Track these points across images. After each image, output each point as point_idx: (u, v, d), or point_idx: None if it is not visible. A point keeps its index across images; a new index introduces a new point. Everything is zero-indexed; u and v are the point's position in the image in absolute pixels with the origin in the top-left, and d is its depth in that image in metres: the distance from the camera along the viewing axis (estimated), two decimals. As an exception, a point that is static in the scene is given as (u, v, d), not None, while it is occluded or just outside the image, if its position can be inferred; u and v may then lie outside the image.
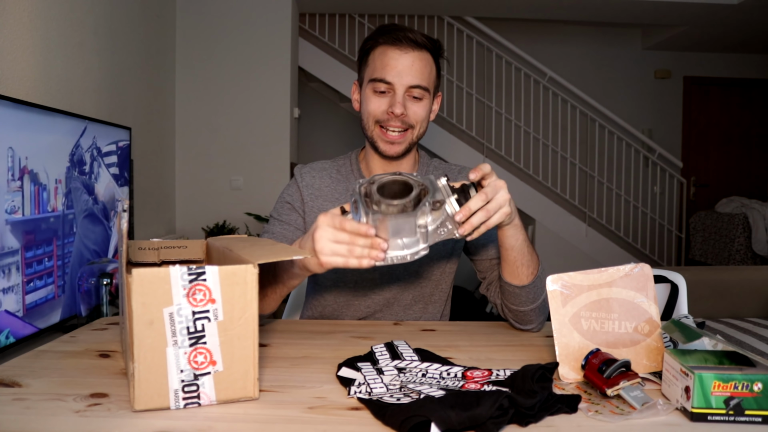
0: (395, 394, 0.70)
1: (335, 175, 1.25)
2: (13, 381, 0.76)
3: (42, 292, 1.55)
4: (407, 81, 1.12)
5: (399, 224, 0.83)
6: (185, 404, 0.67)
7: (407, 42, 1.12)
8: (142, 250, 1.01)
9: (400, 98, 1.13)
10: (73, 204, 1.72)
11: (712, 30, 4.92)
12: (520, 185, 4.98)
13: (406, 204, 0.83)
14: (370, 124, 1.17)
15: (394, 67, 1.12)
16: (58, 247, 1.63)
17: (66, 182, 1.68)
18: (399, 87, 1.12)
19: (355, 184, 0.88)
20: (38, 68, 2.01)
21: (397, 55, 1.12)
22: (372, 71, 1.15)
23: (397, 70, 1.12)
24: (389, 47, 1.13)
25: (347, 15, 4.89)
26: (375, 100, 1.15)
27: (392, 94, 1.13)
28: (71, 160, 1.71)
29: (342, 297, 1.22)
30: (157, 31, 3.43)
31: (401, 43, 1.12)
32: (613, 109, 5.18)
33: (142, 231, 3.07)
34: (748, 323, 2.36)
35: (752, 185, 5.76)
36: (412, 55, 1.12)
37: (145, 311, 0.65)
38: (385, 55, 1.13)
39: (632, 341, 0.80)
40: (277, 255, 0.73)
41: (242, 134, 3.88)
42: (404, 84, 1.12)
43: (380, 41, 1.14)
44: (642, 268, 0.83)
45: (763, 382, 0.65)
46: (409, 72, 1.12)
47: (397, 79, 1.12)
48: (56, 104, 2.09)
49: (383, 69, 1.12)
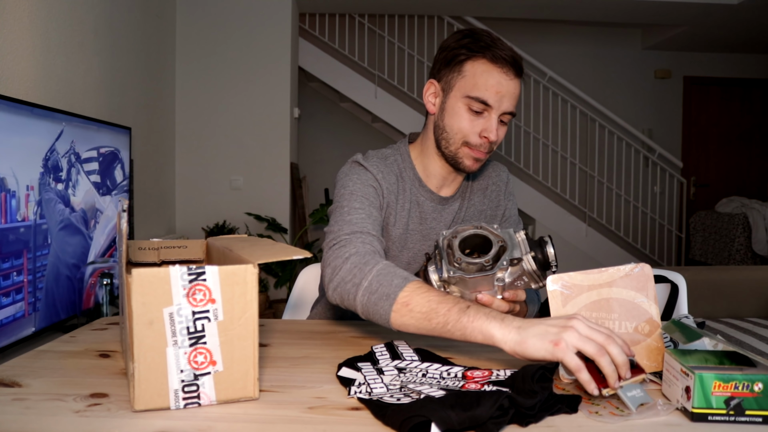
0: (395, 394, 0.70)
1: (396, 171, 1.19)
2: (13, 381, 0.76)
3: (9, 310, 1.40)
4: (506, 108, 1.08)
5: (477, 281, 0.90)
6: (185, 404, 0.67)
7: (513, 66, 1.07)
8: (142, 250, 1.01)
9: (496, 124, 1.08)
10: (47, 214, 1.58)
11: (712, 30, 4.92)
12: (520, 185, 4.98)
13: (485, 263, 0.90)
14: (456, 140, 1.11)
15: (498, 92, 1.06)
16: (29, 261, 1.48)
17: (39, 190, 1.55)
18: (496, 112, 1.08)
19: (439, 236, 0.95)
20: (38, 68, 2.01)
21: (503, 80, 1.07)
22: (472, 87, 1.08)
23: (500, 95, 1.07)
24: (494, 67, 1.07)
25: (347, 15, 4.89)
26: (469, 119, 1.09)
27: (487, 117, 1.08)
28: (45, 166, 1.59)
29: None
30: (157, 31, 3.43)
31: (507, 65, 1.07)
32: (613, 109, 5.18)
33: (142, 231, 3.07)
34: (748, 323, 2.35)
35: (752, 185, 5.77)
36: (515, 83, 1.08)
37: (145, 311, 0.65)
38: (489, 75, 1.07)
39: (632, 341, 0.80)
40: (277, 255, 0.73)
41: (242, 134, 3.87)
42: (502, 110, 1.08)
43: (482, 55, 1.07)
44: (642, 268, 0.83)
45: (763, 382, 0.64)
46: (510, 99, 1.08)
47: (498, 104, 1.07)
48: (56, 104, 2.09)
49: (486, 90, 1.06)
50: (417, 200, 1.19)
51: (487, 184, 1.27)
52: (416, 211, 1.19)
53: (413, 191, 1.19)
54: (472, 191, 1.25)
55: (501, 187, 1.28)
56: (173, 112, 3.74)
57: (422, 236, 1.19)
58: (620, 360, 0.69)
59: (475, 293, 0.91)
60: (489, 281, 0.90)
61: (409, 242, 1.18)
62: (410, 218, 1.18)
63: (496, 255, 0.90)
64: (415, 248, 1.19)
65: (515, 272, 0.91)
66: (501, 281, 0.91)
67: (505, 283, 0.91)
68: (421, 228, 1.19)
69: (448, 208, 1.22)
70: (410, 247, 1.19)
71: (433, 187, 1.20)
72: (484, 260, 0.90)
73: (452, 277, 0.91)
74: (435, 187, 1.20)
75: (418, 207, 1.19)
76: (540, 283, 0.93)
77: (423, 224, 1.19)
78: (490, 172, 1.28)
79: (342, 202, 1.08)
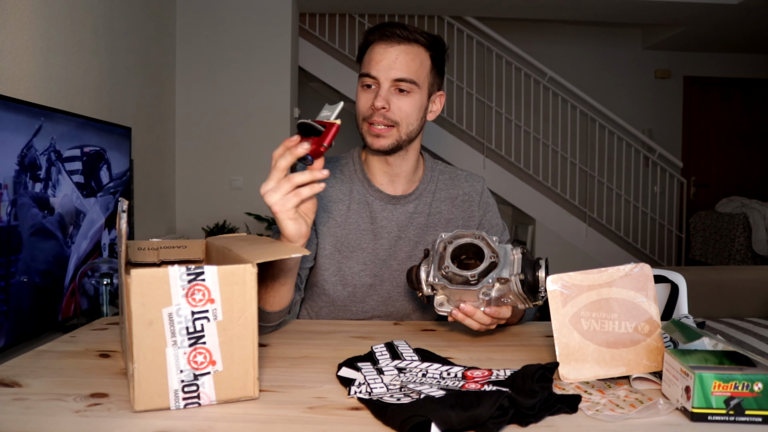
0: (395, 394, 0.70)
1: (339, 175, 1.23)
2: (13, 381, 0.76)
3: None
4: (392, 74, 1.10)
5: (460, 292, 0.90)
6: (185, 404, 0.67)
7: (395, 37, 1.11)
8: (141, 250, 1.01)
9: (384, 92, 1.11)
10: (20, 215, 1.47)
11: (712, 30, 4.92)
12: (520, 185, 4.98)
13: (470, 277, 0.89)
14: (359, 121, 1.16)
15: (379, 61, 1.11)
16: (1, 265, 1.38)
17: (14, 188, 1.45)
18: (384, 81, 1.11)
19: (438, 237, 0.95)
20: (38, 68, 2.01)
21: (383, 50, 1.11)
22: (361, 67, 1.15)
23: (381, 64, 1.10)
24: (378, 43, 1.12)
25: (347, 15, 4.89)
26: (362, 95, 1.14)
27: (376, 89, 1.12)
28: (21, 163, 1.49)
29: (339, 302, 1.22)
30: (157, 31, 3.43)
31: (389, 38, 1.11)
32: (613, 109, 5.18)
33: (142, 231, 3.07)
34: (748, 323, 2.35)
35: (752, 185, 5.77)
36: (398, 49, 1.11)
37: (144, 311, 0.64)
38: (373, 51, 1.13)
39: (632, 341, 0.80)
40: (276, 254, 0.73)
41: (242, 134, 3.87)
42: (389, 78, 1.10)
43: (371, 38, 1.14)
44: (642, 268, 0.83)
45: (763, 382, 0.64)
46: (393, 65, 1.10)
47: (382, 73, 1.10)
48: (56, 104, 2.09)
49: (369, 63, 1.12)
50: (366, 200, 1.21)
51: (456, 193, 1.26)
52: (366, 211, 1.21)
53: (362, 192, 1.21)
54: (438, 199, 1.24)
55: (474, 198, 1.27)
56: (173, 112, 3.74)
57: (374, 235, 1.20)
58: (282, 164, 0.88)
59: (460, 302, 0.92)
60: (474, 294, 0.90)
61: (363, 242, 1.19)
62: (361, 218, 1.20)
63: (484, 271, 0.89)
64: (368, 248, 1.20)
65: (502, 290, 0.90)
66: (487, 295, 0.90)
67: (491, 297, 0.90)
68: (372, 227, 1.20)
69: (401, 207, 1.22)
70: (364, 248, 1.20)
71: (379, 184, 1.22)
72: (470, 274, 0.89)
73: (437, 283, 0.92)
74: (381, 185, 1.22)
75: (367, 206, 1.21)
76: (527, 304, 0.93)
77: (374, 223, 1.20)
78: (462, 183, 1.28)
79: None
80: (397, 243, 1.20)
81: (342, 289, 1.20)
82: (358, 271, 1.19)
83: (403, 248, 1.20)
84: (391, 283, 1.21)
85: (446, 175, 1.28)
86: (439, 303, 0.95)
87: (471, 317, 0.92)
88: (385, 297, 1.21)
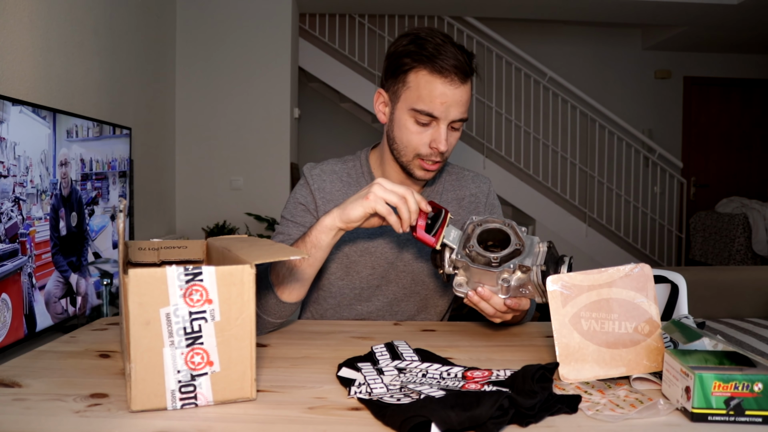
0: (395, 394, 0.70)
1: (346, 178, 1.22)
2: (13, 381, 0.76)
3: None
4: (454, 116, 1.06)
5: (482, 273, 0.91)
6: (182, 405, 0.67)
7: (456, 74, 1.03)
8: (141, 250, 1.01)
9: (444, 134, 1.06)
10: None
11: (712, 30, 4.91)
12: (520, 185, 4.98)
13: (493, 259, 0.90)
14: (407, 153, 1.11)
15: (443, 103, 1.04)
16: None
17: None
18: (444, 122, 1.06)
19: (468, 219, 0.96)
20: (38, 68, 2.01)
21: (447, 90, 1.04)
22: (416, 100, 1.05)
23: (445, 106, 1.04)
24: (437, 77, 1.04)
25: (347, 15, 4.89)
26: (417, 131, 1.08)
27: (435, 127, 1.07)
28: None
29: (345, 303, 1.22)
30: (157, 31, 3.43)
31: (451, 74, 1.03)
32: (613, 109, 5.18)
33: (142, 231, 3.07)
34: (748, 323, 2.35)
35: (752, 185, 5.76)
36: (461, 90, 1.05)
37: (142, 311, 0.64)
38: (432, 87, 1.04)
39: (632, 341, 0.79)
40: (275, 255, 0.72)
41: (242, 134, 3.87)
42: (450, 119, 1.06)
43: (423, 66, 1.05)
44: (642, 268, 0.83)
45: (763, 382, 0.64)
46: (457, 107, 1.05)
47: (444, 114, 1.05)
48: (56, 104, 2.09)
49: (431, 102, 1.04)
50: None
51: (464, 194, 1.26)
52: None
53: None
54: (445, 200, 1.24)
55: (481, 199, 1.27)
56: (173, 112, 3.74)
57: (381, 237, 1.20)
58: (413, 208, 0.92)
59: (478, 285, 0.91)
60: (493, 278, 0.90)
61: (371, 244, 1.19)
62: None
63: (507, 255, 0.90)
64: (376, 250, 1.19)
65: (522, 279, 0.90)
66: (506, 282, 0.90)
67: (510, 285, 0.90)
68: (379, 229, 1.19)
69: None
70: (371, 250, 1.19)
71: None
72: (493, 256, 0.89)
73: (459, 260, 0.92)
74: None
75: None
76: (543, 298, 0.92)
77: (381, 227, 1.18)
78: (469, 184, 1.27)
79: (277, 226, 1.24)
80: (404, 245, 1.20)
81: (349, 291, 1.20)
82: (366, 276, 1.20)
83: (410, 250, 1.20)
84: (397, 284, 1.21)
85: (453, 176, 1.28)
86: (458, 284, 0.94)
87: (487, 301, 0.91)
88: (391, 298, 1.21)
